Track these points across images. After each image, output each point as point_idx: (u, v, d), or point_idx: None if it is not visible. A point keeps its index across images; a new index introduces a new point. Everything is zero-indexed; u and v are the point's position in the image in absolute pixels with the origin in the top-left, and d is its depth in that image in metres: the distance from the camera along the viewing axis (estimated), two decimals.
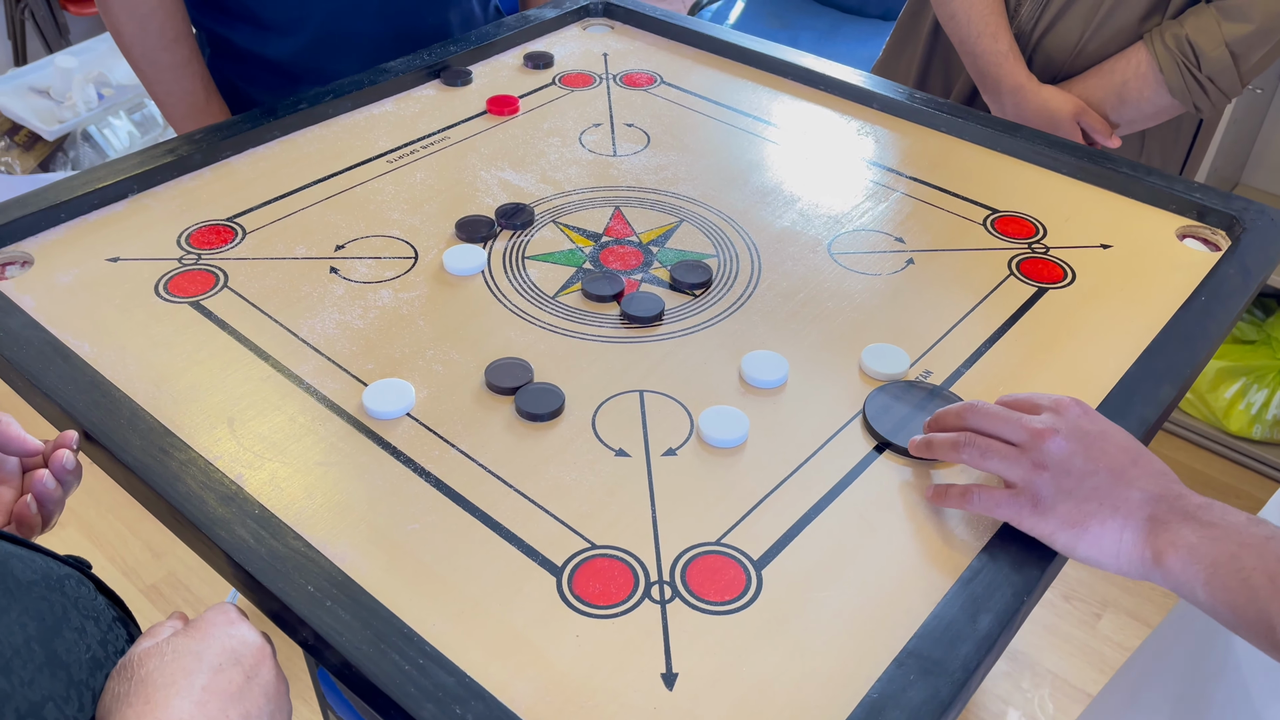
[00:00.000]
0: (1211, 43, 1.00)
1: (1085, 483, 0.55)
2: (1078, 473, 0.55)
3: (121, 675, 0.46)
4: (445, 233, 0.84)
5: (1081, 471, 0.55)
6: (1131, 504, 0.54)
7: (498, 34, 1.13)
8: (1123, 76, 1.06)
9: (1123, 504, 0.54)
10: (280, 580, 0.54)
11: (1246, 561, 0.49)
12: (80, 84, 2.27)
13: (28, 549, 0.50)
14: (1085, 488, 0.55)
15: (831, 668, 0.52)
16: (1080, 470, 0.55)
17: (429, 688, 0.49)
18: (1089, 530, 0.54)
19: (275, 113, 0.96)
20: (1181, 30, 1.02)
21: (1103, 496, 0.54)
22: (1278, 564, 0.48)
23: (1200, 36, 1.00)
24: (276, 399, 0.67)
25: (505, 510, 0.60)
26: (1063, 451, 0.56)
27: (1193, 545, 0.51)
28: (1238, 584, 0.49)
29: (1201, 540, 0.51)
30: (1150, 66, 1.04)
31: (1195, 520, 0.52)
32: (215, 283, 0.78)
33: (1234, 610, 0.49)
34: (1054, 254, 0.84)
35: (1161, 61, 1.03)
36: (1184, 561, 0.51)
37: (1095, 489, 0.55)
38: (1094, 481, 0.55)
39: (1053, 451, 0.56)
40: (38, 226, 0.82)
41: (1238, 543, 0.50)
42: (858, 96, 1.05)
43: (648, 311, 0.65)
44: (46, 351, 0.68)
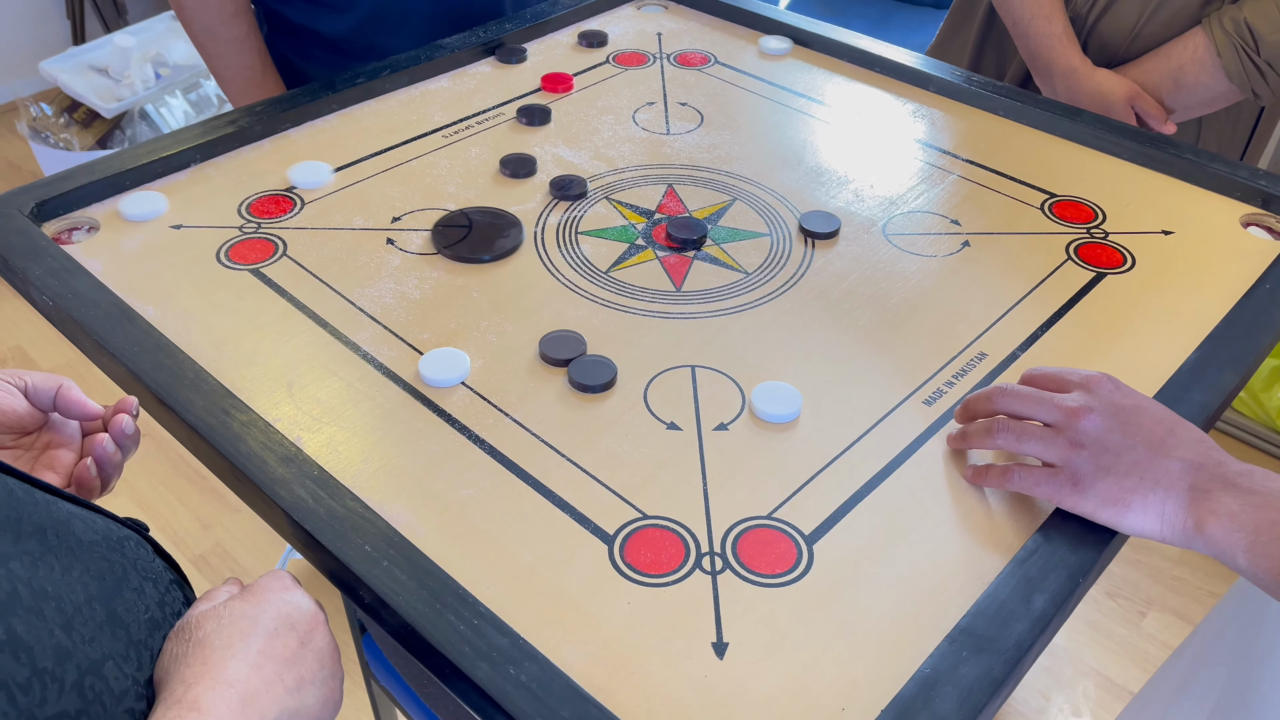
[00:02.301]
0: (1271, 27, 0.98)
1: (1124, 458, 0.55)
2: (1115, 448, 0.55)
3: (180, 637, 0.47)
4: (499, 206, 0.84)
5: (1119, 447, 0.55)
6: (1172, 475, 0.54)
7: (553, 12, 1.14)
8: (1179, 61, 1.04)
9: (1163, 476, 0.54)
10: (338, 539, 0.55)
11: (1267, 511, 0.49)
12: (138, 63, 2.31)
13: (89, 510, 0.51)
14: (1124, 463, 0.55)
15: (882, 643, 0.52)
16: (1118, 445, 0.55)
17: (483, 648, 0.50)
18: (1132, 506, 0.54)
19: (334, 86, 0.97)
20: (1240, 14, 1.00)
21: (1143, 470, 0.54)
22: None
23: (1260, 20, 0.98)
24: (334, 365, 0.68)
25: (558, 479, 0.61)
26: (1099, 428, 0.56)
27: (1234, 512, 0.51)
28: (1279, 550, 0.49)
29: (1243, 507, 0.51)
30: (1208, 50, 1.02)
31: (1236, 487, 0.52)
32: (275, 251, 0.79)
33: (1275, 576, 0.49)
34: (1113, 239, 0.82)
35: (1219, 45, 1.01)
36: (1225, 529, 0.51)
37: (1135, 463, 0.55)
38: (1132, 456, 0.55)
39: (1089, 429, 0.56)
40: (104, 193, 0.84)
41: (1279, 509, 0.50)
42: (914, 79, 1.03)
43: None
44: (113, 314, 0.70)
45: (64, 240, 0.79)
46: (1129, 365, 0.70)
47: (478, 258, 0.78)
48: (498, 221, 0.82)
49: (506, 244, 0.79)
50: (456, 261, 0.78)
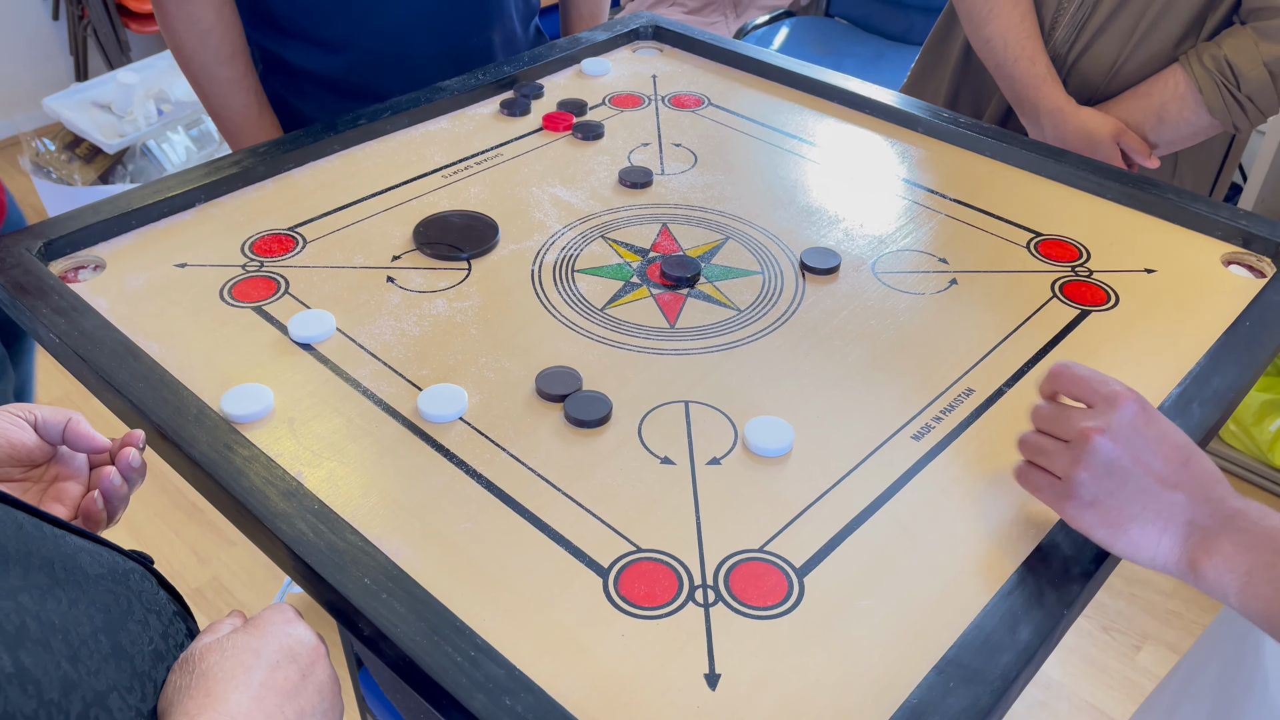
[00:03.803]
0: (1250, 63, 1.01)
1: (1128, 485, 0.56)
2: (1121, 474, 0.56)
3: (183, 669, 0.48)
4: (498, 246, 0.86)
5: (1126, 474, 0.56)
6: (1174, 509, 0.55)
7: (549, 55, 1.16)
8: (1161, 98, 1.07)
9: (1165, 509, 0.55)
10: (338, 573, 0.56)
11: (1264, 561, 0.50)
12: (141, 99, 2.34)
13: (95, 543, 0.52)
14: (1128, 490, 0.56)
15: (872, 674, 0.53)
16: (1124, 472, 0.56)
17: (480, 679, 0.51)
18: (1128, 531, 0.56)
19: (335, 128, 0.99)
20: (1220, 51, 1.03)
21: (1146, 500, 0.55)
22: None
23: (1239, 56, 1.02)
24: (334, 401, 0.70)
25: (554, 512, 0.62)
26: (1108, 454, 0.56)
27: (1228, 553, 0.52)
28: (1271, 592, 0.50)
29: (1237, 548, 0.52)
30: (1189, 87, 1.05)
31: (1233, 527, 0.53)
32: (277, 289, 0.80)
33: (1266, 617, 0.50)
34: (1097, 277, 0.84)
35: (1201, 82, 1.04)
36: (1219, 569, 0.52)
37: (1140, 491, 0.56)
38: (1137, 484, 0.56)
39: (1097, 452, 0.56)
40: (109, 232, 0.85)
41: (1273, 550, 0.51)
42: (902, 120, 1.06)
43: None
44: (119, 350, 0.71)
45: (70, 279, 0.81)
46: None
47: (455, 254, 0.82)
48: (475, 223, 0.86)
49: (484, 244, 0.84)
50: (436, 259, 0.83)
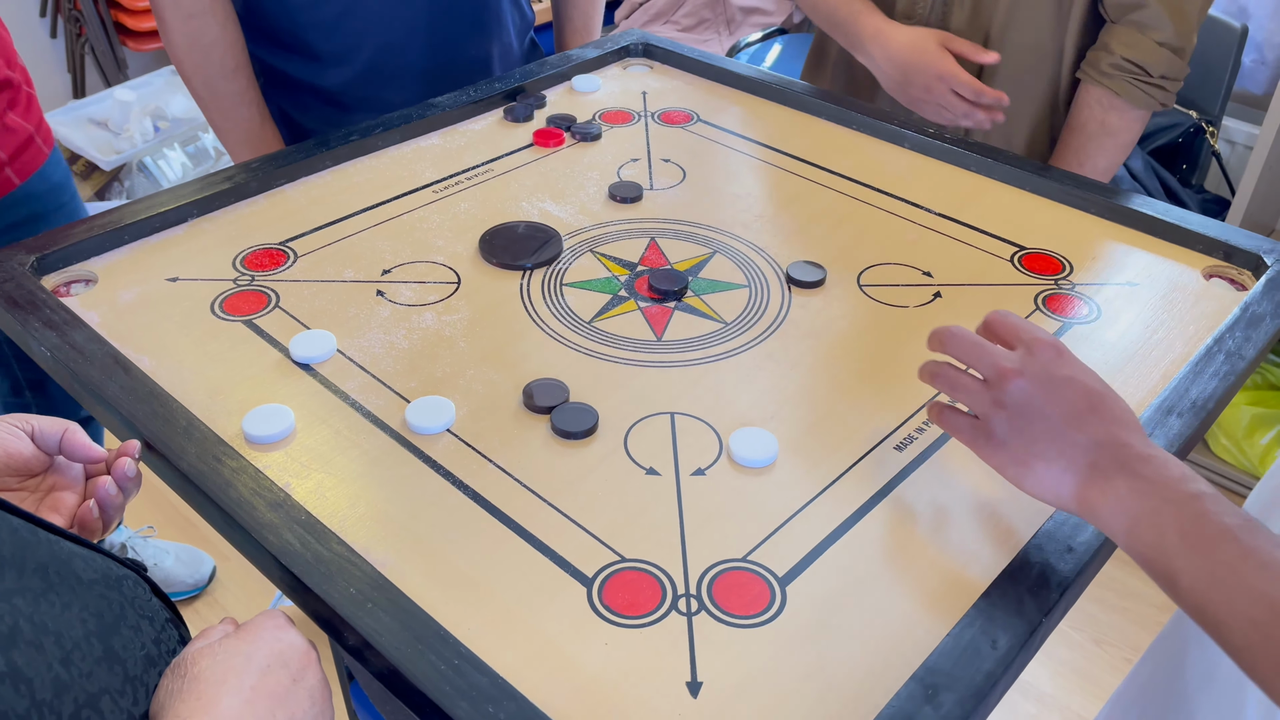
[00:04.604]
0: (1147, 51, 1.06)
1: (1037, 425, 0.57)
2: (1032, 414, 0.58)
3: (175, 673, 0.49)
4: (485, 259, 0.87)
5: (1036, 414, 0.58)
6: (1076, 449, 0.56)
7: (541, 72, 1.18)
8: (1091, 119, 1.12)
9: (1068, 449, 0.56)
10: (324, 583, 0.57)
11: (1165, 517, 0.51)
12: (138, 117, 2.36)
13: (89, 549, 0.52)
14: (1036, 430, 0.57)
15: (852, 682, 0.54)
16: (1036, 413, 0.58)
17: (464, 687, 0.51)
18: (1033, 469, 0.57)
19: (327, 144, 1.00)
20: (1114, 56, 1.08)
21: (1051, 439, 0.57)
22: (1193, 523, 0.50)
23: (1134, 51, 1.07)
24: (323, 413, 0.71)
25: (539, 523, 0.63)
26: (1023, 394, 0.58)
27: (1121, 496, 0.53)
28: (1153, 538, 0.51)
29: (1130, 492, 0.53)
30: (1108, 97, 1.10)
31: (1130, 471, 0.54)
32: (268, 302, 0.81)
33: (1145, 562, 0.52)
34: (1080, 290, 0.85)
35: (1114, 87, 1.09)
36: (1111, 511, 0.54)
37: (1046, 431, 0.57)
38: (1046, 425, 0.57)
39: (1013, 392, 0.58)
40: (102, 247, 0.86)
41: (1163, 498, 0.52)
42: (888, 135, 1.07)
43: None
44: (109, 364, 0.72)
45: (63, 293, 0.82)
46: None
47: (520, 265, 0.86)
48: (537, 234, 0.89)
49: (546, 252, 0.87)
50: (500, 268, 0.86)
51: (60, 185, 1.24)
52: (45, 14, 2.96)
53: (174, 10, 1.06)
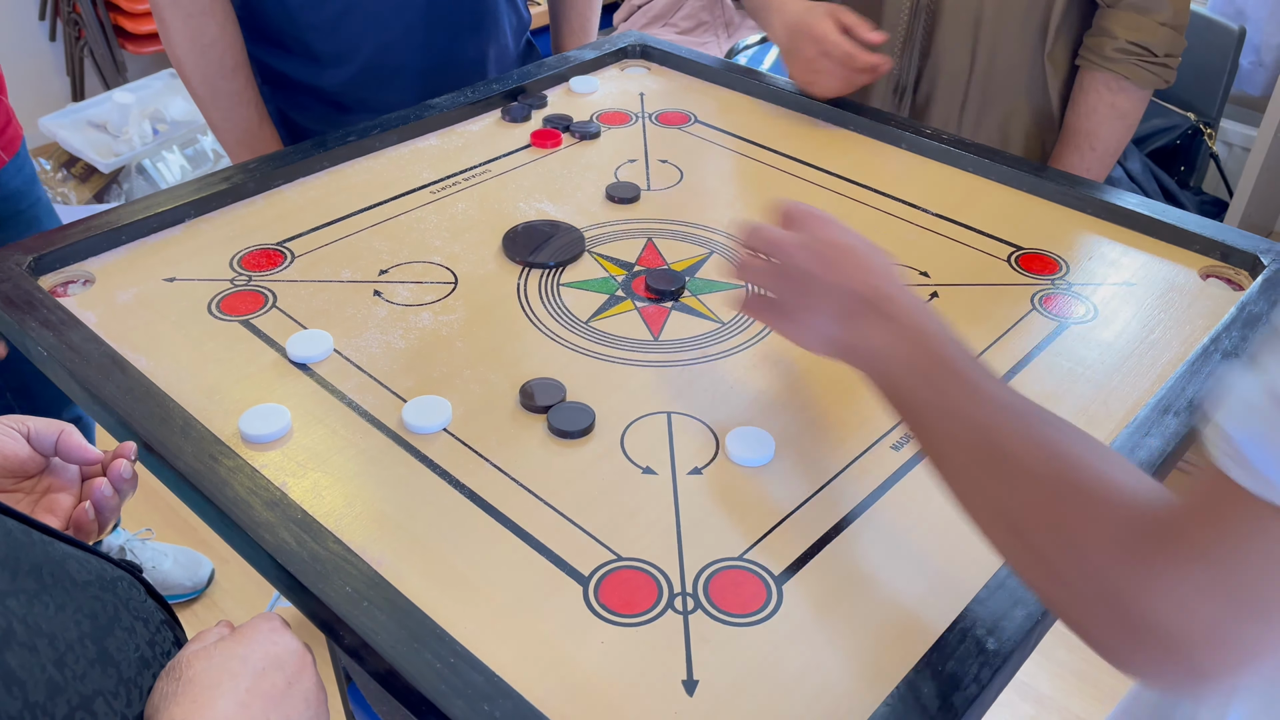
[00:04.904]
0: (1149, 31, 1.07)
1: (810, 284, 0.62)
2: (806, 279, 0.62)
3: (170, 675, 0.48)
4: (485, 260, 0.87)
5: (808, 277, 0.62)
6: (837, 298, 0.61)
7: (539, 73, 1.18)
8: (1101, 102, 1.12)
9: (833, 299, 0.61)
10: (320, 581, 0.57)
11: (901, 352, 0.56)
12: (136, 119, 2.36)
13: (84, 551, 0.52)
14: (808, 289, 0.62)
15: (847, 681, 0.54)
16: (808, 276, 0.62)
17: (459, 685, 0.51)
18: (803, 323, 0.63)
19: (325, 145, 1.00)
20: (1118, 40, 1.08)
21: (819, 293, 0.62)
22: (928, 360, 0.55)
23: (1136, 33, 1.07)
24: (320, 412, 0.71)
25: (536, 522, 0.63)
26: (798, 263, 0.63)
27: (866, 334, 0.59)
28: (892, 371, 0.57)
29: (881, 334, 0.58)
30: (1116, 81, 1.10)
31: (876, 310, 0.58)
32: (265, 302, 0.81)
33: (887, 396, 0.58)
34: (1077, 290, 0.85)
35: (1125, 72, 1.09)
36: (862, 354, 0.59)
37: (814, 289, 0.62)
38: (814, 283, 0.62)
39: (794, 263, 0.63)
40: (100, 247, 0.86)
41: (909, 340, 0.56)
42: (885, 136, 1.07)
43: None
44: (106, 364, 0.72)
45: (60, 293, 0.82)
46: (1089, 412, 0.72)
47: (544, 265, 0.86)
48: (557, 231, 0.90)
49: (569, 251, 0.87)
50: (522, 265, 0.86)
51: (19, 192, 1.20)
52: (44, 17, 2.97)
53: (174, 9, 1.06)
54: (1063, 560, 0.46)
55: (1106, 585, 0.43)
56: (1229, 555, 0.40)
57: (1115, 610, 0.43)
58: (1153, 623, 0.42)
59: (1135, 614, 0.43)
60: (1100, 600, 0.44)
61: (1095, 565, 0.44)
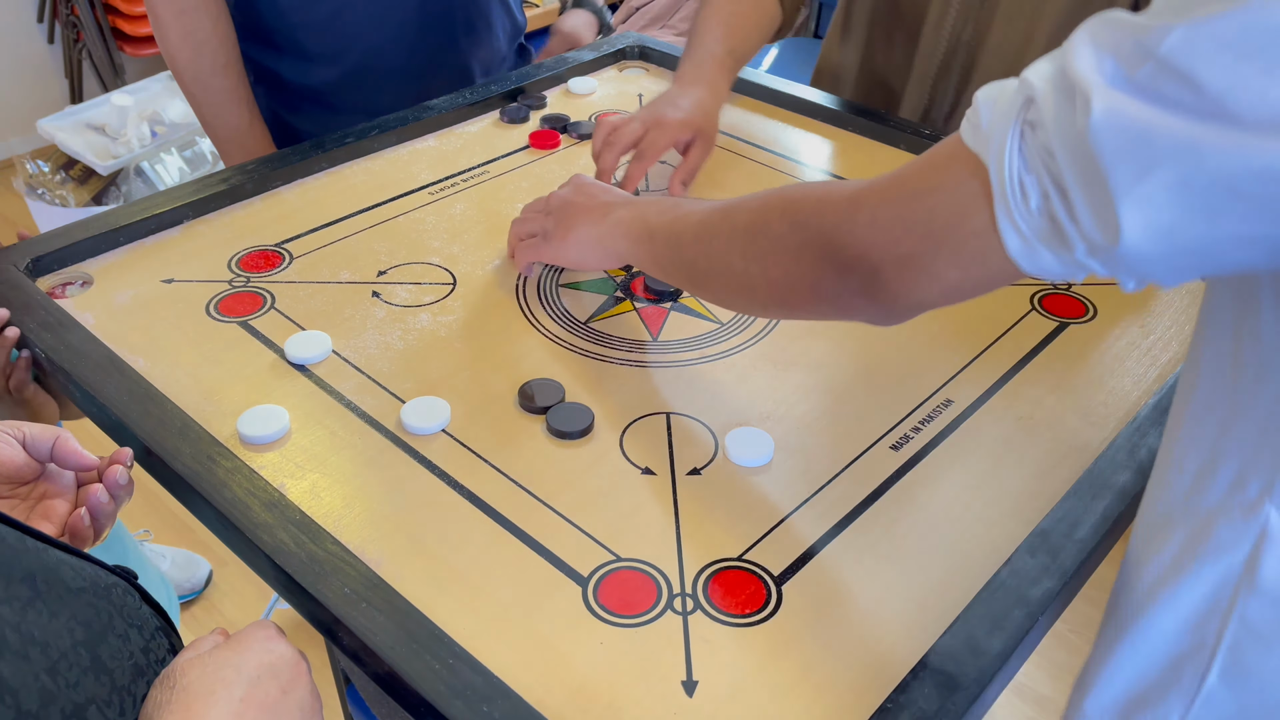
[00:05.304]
0: None
1: (576, 210, 0.77)
2: (571, 205, 0.78)
3: (164, 684, 0.48)
4: (483, 260, 0.87)
5: (574, 203, 0.78)
6: (601, 210, 0.75)
7: (537, 74, 1.18)
8: None
9: (597, 214, 0.75)
10: (318, 582, 0.57)
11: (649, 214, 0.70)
12: (135, 121, 2.35)
13: (78, 558, 0.52)
14: (575, 211, 0.77)
15: (848, 680, 0.54)
16: (573, 203, 0.78)
17: (458, 686, 0.51)
18: (571, 239, 0.77)
19: (323, 146, 1.00)
20: None
21: (587, 213, 0.76)
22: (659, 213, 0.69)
23: None
24: (319, 414, 0.70)
25: (534, 523, 0.63)
26: (563, 197, 0.79)
27: (621, 219, 0.73)
28: (640, 233, 0.70)
29: (626, 214, 0.72)
30: None
31: (630, 205, 0.73)
32: (263, 304, 0.81)
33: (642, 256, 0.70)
34: (1076, 290, 0.85)
35: None
36: (617, 235, 0.73)
37: (582, 210, 0.77)
38: (581, 208, 0.77)
39: (554, 200, 0.80)
40: (98, 249, 0.86)
41: (654, 209, 0.70)
42: (884, 137, 1.07)
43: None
44: (104, 365, 0.72)
45: (58, 295, 0.82)
46: (1089, 410, 0.72)
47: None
48: None
49: None
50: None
51: None
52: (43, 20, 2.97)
53: (167, 6, 1.06)
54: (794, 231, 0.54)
55: (827, 231, 0.52)
56: (927, 189, 0.47)
57: (831, 248, 0.52)
58: (857, 249, 0.50)
59: (845, 245, 0.51)
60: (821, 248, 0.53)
61: (820, 219, 0.53)
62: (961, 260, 0.46)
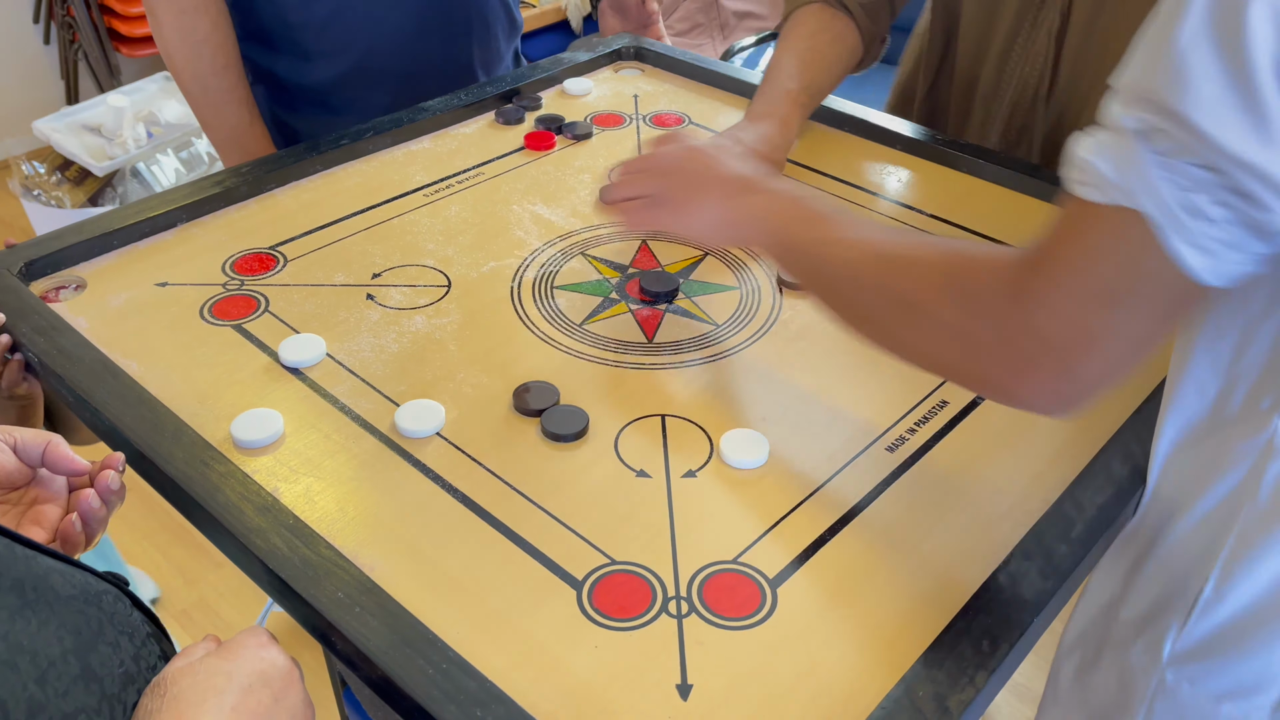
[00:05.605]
0: None
1: (700, 180, 0.71)
2: (691, 172, 0.71)
3: (155, 692, 0.48)
4: (478, 263, 0.87)
5: (694, 170, 0.71)
6: (718, 184, 0.70)
7: (532, 75, 1.17)
8: None
9: (729, 190, 0.69)
10: (311, 586, 0.56)
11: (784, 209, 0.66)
12: (131, 122, 2.35)
13: (68, 564, 0.51)
14: (699, 180, 0.71)
15: (843, 683, 0.54)
16: (693, 170, 0.71)
17: (452, 691, 0.51)
18: (695, 213, 0.71)
19: (317, 148, 1.00)
20: None
21: (715, 186, 0.70)
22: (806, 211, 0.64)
23: None
24: (313, 417, 0.70)
25: (529, 526, 0.62)
26: (676, 159, 0.73)
27: (755, 207, 0.67)
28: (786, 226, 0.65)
29: (764, 202, 0.67)
30: None
31: (761, 190, 0.68)
32: (257, 307, 0.81)
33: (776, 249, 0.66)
34: None
35: None
36: (748, 223, 0.68)
37: (708, 180, 0.70)
38: (696, 177, 0.71)
39: (665, 160, 0.74)
40: (91, 252, 0.86)
41: (787, 200, 0.66)
42: (881, 137, 1.07)
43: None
44: (97, 369, 0.71)
45: (51, 298, 0.81)
46: None
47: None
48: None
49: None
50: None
51: None
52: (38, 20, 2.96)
53: (166, 5, 1.06)
54: (960, 316, 0.52)
55: (997, 321, 0.50)
56: (1089, 260, 0.46)
57: (1006, 341, 0.50)
58: (1036, 338, 0.48)
59: (1022, 336, 0.49)
60: (995, 338, 0.50)
61: (987, 308, 0.50)
62: (1143, 307, 0.46)
